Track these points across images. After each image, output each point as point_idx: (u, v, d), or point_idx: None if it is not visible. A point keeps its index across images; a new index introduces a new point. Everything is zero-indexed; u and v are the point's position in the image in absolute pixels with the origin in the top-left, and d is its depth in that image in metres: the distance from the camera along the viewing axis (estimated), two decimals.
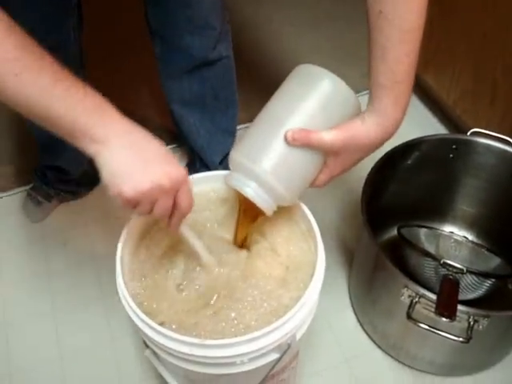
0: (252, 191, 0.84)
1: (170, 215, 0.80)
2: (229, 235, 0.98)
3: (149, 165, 0.74)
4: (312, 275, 0.86)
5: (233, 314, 0.86)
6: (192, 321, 0.85)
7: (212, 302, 0.88)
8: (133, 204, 0.74)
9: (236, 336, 0.82)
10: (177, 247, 0.95)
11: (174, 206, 0.78)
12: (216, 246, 0.95)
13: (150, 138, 0.76)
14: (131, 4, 1.41)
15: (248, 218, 0.94)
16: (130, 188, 0.72)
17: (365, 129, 0.85)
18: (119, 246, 0.90)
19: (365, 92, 1.97)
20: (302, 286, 0.87)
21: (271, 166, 0.82)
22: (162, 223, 0.95)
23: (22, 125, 1.57)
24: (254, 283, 0.89)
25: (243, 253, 0.94)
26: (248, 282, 0.90)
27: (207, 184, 1.01)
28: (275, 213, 0.90)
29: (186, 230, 0.87)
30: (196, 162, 1.59)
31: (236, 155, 0.86)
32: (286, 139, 0.81)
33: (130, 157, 0.73)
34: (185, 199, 0.78)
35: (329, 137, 0.82)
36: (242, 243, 0.96)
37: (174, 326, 0.84)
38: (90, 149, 0.72)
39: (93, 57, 1.39)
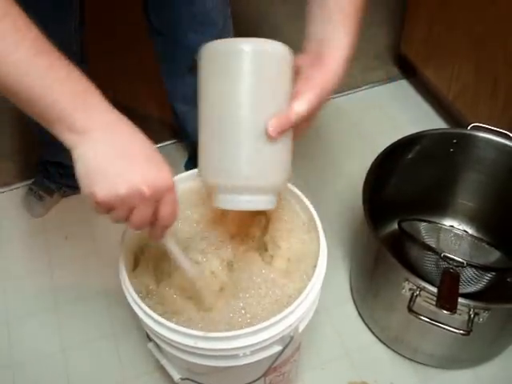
0: (250, 204, 0.76)
1: (151, 225, 0.70)
2: (228, 228, 0.98)
3: (129, 166, 0.64)
4: (314, 266, 0.87)
5: (240, 304, 0.86)
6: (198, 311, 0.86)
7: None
8: (105, 208, 0.66)
9: (241, 326, 0.82)
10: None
11: (155, 216, 0.68)
12: (215, 240, 0.94)
13: (137, 134, 0.67)
14: (131, 3, 1.41)
15: (247, 217, 0.94)
16: (103, 190, 0.63)
17: (332, 72, 0.75)
18: (122, 238, 0.90)
19: (366, 86, 1.99)
20: (305, 278, 0.88)
21: (253, 171, 0.73)
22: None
23: (24, 120, 1.57)
24: (257, 273, 0.90)
25: (243, 246, 0.94)
26: (251, 272, 0.90)
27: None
28: (276, 205, 0.89)
29: (169, 243, 0.79)
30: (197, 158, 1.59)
31: (210, 179, 0.76)
32: (267, 136, 0.71)
33: (109, 154, 0.64)
34: (167, 210, 0.68)
35: (304, 107, 0.73)
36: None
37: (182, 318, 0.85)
38: (67, 139, 0.64)
39: (93, 54, 1.39)
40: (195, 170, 0.97)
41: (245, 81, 0.71)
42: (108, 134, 0.65)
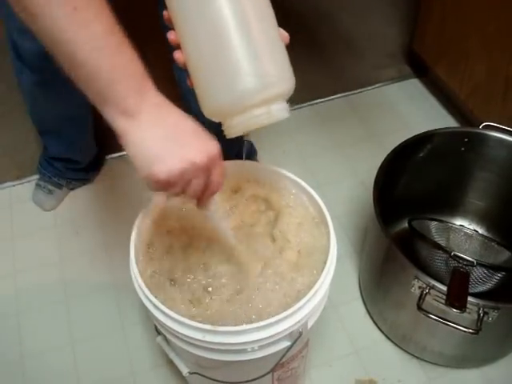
0: (269, 116, 0.72)
1: (202, 193, 0.75)
2: (238, 223, 0.98)
3: (182, 142, 0.68)
4: (324, 262, 0.87)
5: (247, 297, 0.87)
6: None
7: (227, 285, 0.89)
8: (165, 185, 0.69)
9: (251, 319, 0.83)
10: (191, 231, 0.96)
11: (207, 183, 0.73)
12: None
13: (181, 112, 0.70)
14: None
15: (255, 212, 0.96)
16: (164, 169, 0.66)
17: None
18: (133, 232, 0.90)
19: (378, 85, 1.99)
20: (314, 273, 0.88)
21: (267, 76, 0.70)
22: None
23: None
24: (269, 265, 0.90)
25: (253, 239, 0.95)
26: (262, 263, 0.91)
27: None
28: (284, 201, 0.90)
29: (212, 211, 0.83)
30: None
31: (223, 107, 0.72)
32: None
33: (161, 134, 0.67)
34: (217, 177, 0.73)
35: None
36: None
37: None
38: (119, 122, 0.66)
39: None
40: None
41: None
42: (157, 115, 0.67)
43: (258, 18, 0.69)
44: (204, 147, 0.69)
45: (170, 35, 0.72)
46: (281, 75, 0.72)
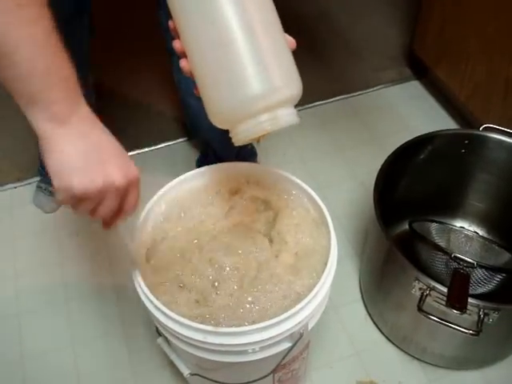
0: (277, 121, 0.72)
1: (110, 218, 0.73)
2: (236, 225, 0.98)
3: (104, 160, 0.67)
4: (324, 263, 0.87)
5: (248, 299, 0.87)
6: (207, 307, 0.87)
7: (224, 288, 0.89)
8: (78, 200, 0.67)
9: (252, 321, 0.83)
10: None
11: (119, 205, 0.71)
12: (224, 235, 0.95)
13: (106, 130, 0.69)
14: (144, 2, 1.42)
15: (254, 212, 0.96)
16: (83, 183, 0.64)
17: None
18: (134, 234, 0.91)
19: (378, 87, 2.00)
20: (314, 275, 0.88)
21: (275, 82, 0.69)
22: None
23: None
24: (265, 267, 0.90)
25: (250, 240, 0.95)
26: (258, 266, 0.91)
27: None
28: (283, 202, 0.90)
29: (119, 230, 0.80)
30: (210, 155, 1.59)
31: (231, 114, 0.71)
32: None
33: (86, 148, 0.65)
34: (133, 200, 0.72)
35: None
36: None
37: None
38: (44, 126, 0.63)
39: (105, 53, 1.40)
40: (201, 169, 1.00)
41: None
42: (84, 128, 0.66)
43: (263, 24, 0.69)
44: (125, 168, 0.68)
45: (176, 44, 0.71)
46: (287, 81, 0.71)
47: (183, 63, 0.71)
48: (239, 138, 0.72)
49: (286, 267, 0.90)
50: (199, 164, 1.65)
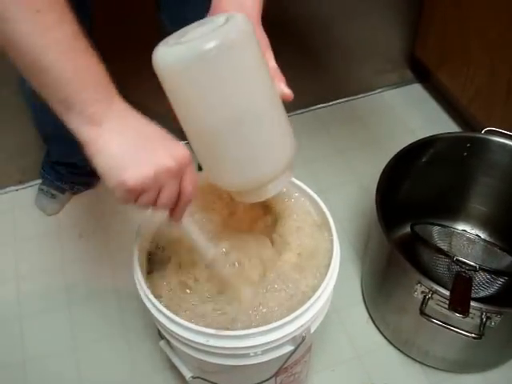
0: (280, 186, 0.79)
1: (175, 204, 0.72)
2: (237, 228, 0.99)
3: (151, 148, 0.66)
4: (326, 265, 0.87)
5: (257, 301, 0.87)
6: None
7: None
8: (136, 194, 0.66)
9: (261, 322, 0.83)
10: None
11: (179, 191, 0.71)
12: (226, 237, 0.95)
13: (145, 118, 0.69)
14: (145, 2, 1.42)
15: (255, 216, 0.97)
16: (134, 175, 0.64)
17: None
18: (136, 237, 0.91)
19: (380, 90, 1.99)
20: (318, 276, 0.88)
21: (280, 159, 0.77)
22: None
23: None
24: (270, 267, 0.90)
25: (254, 241, 0.95)
26: (265, 266, 0.91)
27: None
28: (284, 205, 0.90)
29: (187, 224, 0.81)
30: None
31: (236, 185, 0.77)
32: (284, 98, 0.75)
33: (129, 141, 0.65)
34: (190, 183, 0.71)
35: (273, 62, 0.77)
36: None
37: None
38: (84, 130, 0.64)
39: (106, 52, 1.40)
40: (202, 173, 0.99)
41: (228, 82, 0.68)
42: (123, 122, 0.66)
43: (264, 105, 0.72)
44: (174, 151, 0.67)
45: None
46: (288, 153, 0.78)
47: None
48: (243, 200, 0.80)
49: (292, 266, 0.90)
50: (200, 168, 1.65)
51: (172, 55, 0.66)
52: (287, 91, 0.76)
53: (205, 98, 0.68)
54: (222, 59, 0.65)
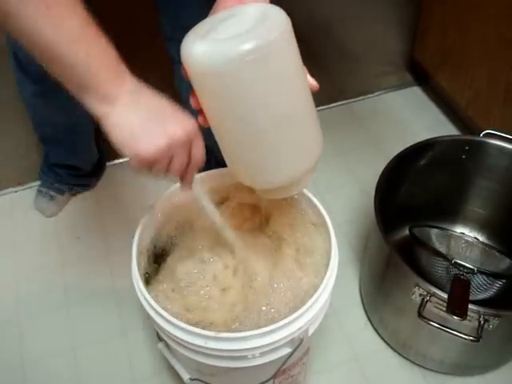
0: (302, 186, 0.83)
1: (185, 171, 0.78)
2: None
3: (163, 120, 0.71)
4: (325, 265, 0.88)
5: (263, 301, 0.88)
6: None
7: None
8: (149, 163, 0.71)
9: (264, 322, 0.84)
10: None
11: (189, 158, 0.76)
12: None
13: (155, 93, 0.73)
14: (145, 4, 1.42)
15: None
16: (148, 145, 0.70)
17: None
18: (135, 238, 0.91)
19: (379, 92, 2.00)
20: (318, 275, 0.89)
21: (310, 159, 0.81)
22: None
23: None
24: (272, 263, 0.91)
25: (252, 239, 0.96)
26: (266, 263, 0.92)
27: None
28: (273, 205, 0.93)
29: (198, 191, 0.87)
30: (211, 161, 1.59)
31: (265, 184, 0.79)
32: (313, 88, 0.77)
33: (142, 114, 0.70)
34: (198, 150, 0.77)
35: None
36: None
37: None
38: (99, 107, 0.69)
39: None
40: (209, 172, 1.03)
41: (276, 82, 0.69)
42: (135, 98, 0.70)
43: (306, 100, 0.75)
44: (183, 123, 0.72)
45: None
46: (322, 147, 0.82)
47: (200, 120, 0.77)
48: (271, 197, 0.83)
49: (292, 260, 0.91)
50: (200, 169, 1.65)
51: (219, 55, 0.66)
52: (313, 82, 0.78)
53: (255, 98, 0.70)
54: (273, 59, 0.67)
